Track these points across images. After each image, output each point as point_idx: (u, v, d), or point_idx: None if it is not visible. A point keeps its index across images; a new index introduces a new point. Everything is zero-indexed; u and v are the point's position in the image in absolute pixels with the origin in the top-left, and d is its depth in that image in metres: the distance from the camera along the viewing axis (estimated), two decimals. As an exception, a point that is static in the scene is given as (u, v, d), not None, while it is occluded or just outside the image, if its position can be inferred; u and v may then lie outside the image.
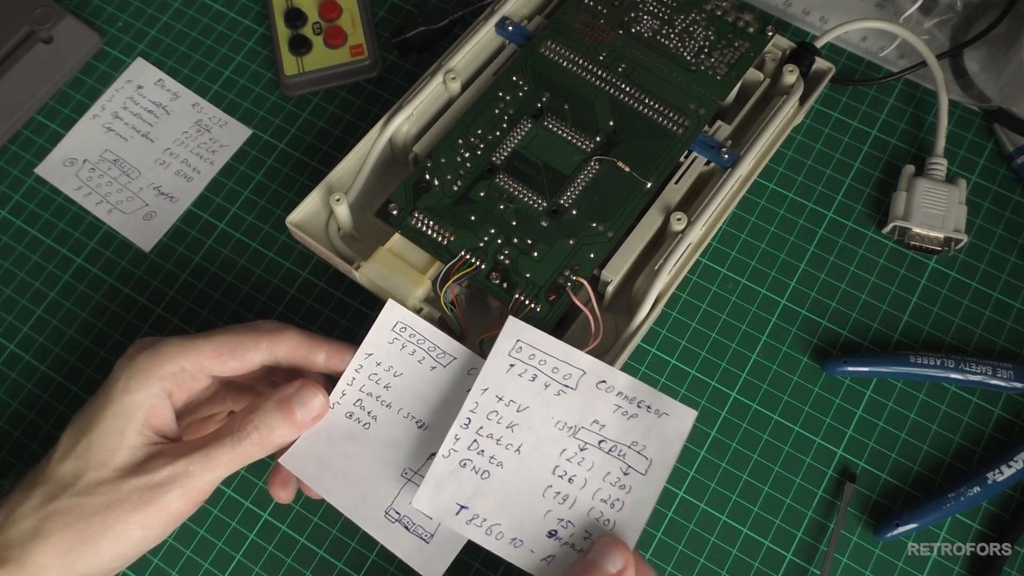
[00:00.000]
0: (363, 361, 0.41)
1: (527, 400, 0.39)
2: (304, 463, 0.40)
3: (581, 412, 0.39)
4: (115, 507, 0.35)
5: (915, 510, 0.44)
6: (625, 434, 0.39)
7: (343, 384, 0.41)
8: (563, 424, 0.39)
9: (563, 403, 0.39)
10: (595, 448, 0.39)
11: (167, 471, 0.36)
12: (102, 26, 0.57)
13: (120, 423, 0.37)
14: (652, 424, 0.39)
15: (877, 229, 0.50)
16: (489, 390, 0.40)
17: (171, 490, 0.36)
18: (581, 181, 0.44)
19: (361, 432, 0.40)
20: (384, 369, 0.41)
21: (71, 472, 0.36)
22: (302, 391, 0.39)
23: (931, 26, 0.53)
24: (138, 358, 0.38)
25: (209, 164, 0.53)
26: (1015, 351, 0.48)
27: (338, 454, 0.40)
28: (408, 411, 0.40)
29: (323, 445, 0.40)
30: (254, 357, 0.39)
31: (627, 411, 0.39)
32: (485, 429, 0.39)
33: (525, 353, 0.40)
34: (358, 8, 0.55)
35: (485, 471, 0.39)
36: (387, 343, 0.41)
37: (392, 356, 0.41)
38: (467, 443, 0.39)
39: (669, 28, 0.48)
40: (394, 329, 0.41)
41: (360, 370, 0.41)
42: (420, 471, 0.39)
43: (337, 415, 0.40)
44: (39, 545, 0.35)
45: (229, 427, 0.38)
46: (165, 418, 0.38)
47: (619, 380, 0.40)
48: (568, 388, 0.40)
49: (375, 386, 0.40)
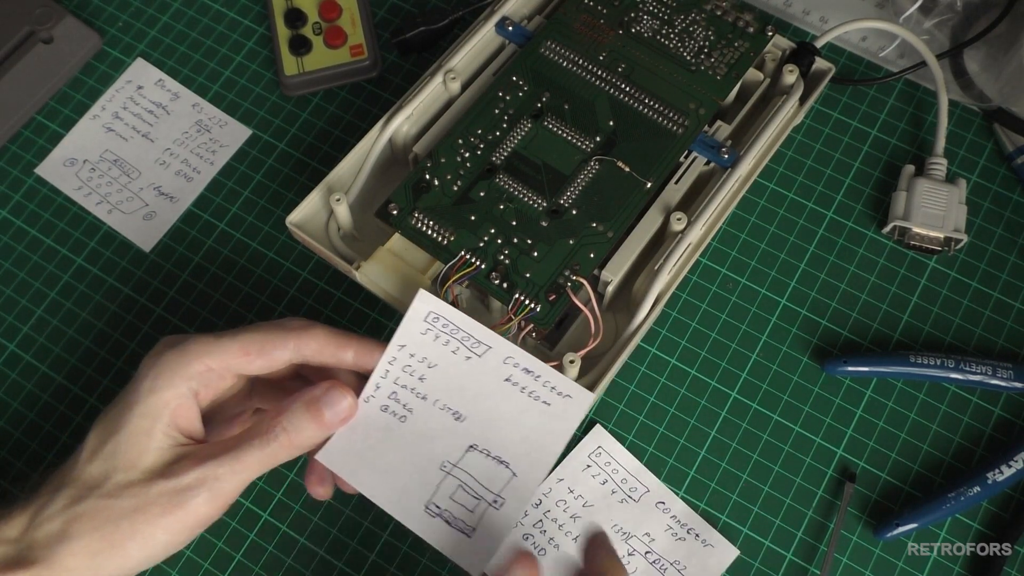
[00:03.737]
0: (396, 353, 0.40)
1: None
2: (341, 459, 0.39)
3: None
4: (143, 511, 0.35)
5: (915, 510, 0.44)
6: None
7: (376, 377, 0.40)
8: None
9: None
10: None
11: (194, 475, 0.36)
12: (102, 26, 0.57)
13: (147, 423, 0.36)
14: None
15: (877, 229, 0.50)
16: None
17: (199, 494, 0.35)
18: (581, 181, 0.44)
19: (397, 425, 0.39)
20: (418, 361, 0.40)
21: (99, 473, 0.36)
22: (330, 392, 0.38)
23: (931, 26, 0.53)
24: (164, 356, 0.37)
25: (209, 164, 0.53)
26: (1015, 351, 0.48)
27: (375, 449, 0.39)
28: (444, 403, 0.40)
29: (359, 440, 0.39)
30: (282, 356, 0.39)
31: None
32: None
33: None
34: (358, 8, 0.55)
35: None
36: (420, 334, 0.40)
37: (426, 347, 0.40)
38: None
39: (669, 28, 0.48)
40: (426, 320, 0.40)
41: (393, 363, 0.40)
42: (459, 463, 0.39)
43: (372, 409, 0.39)
44: (66, 547, 0.35)
45: (257, 429, 0.37)
46: (191, 418, 0.38)
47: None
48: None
49: (409, 378, 0.40)
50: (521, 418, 0.39)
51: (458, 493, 0.38)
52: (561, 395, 0.39)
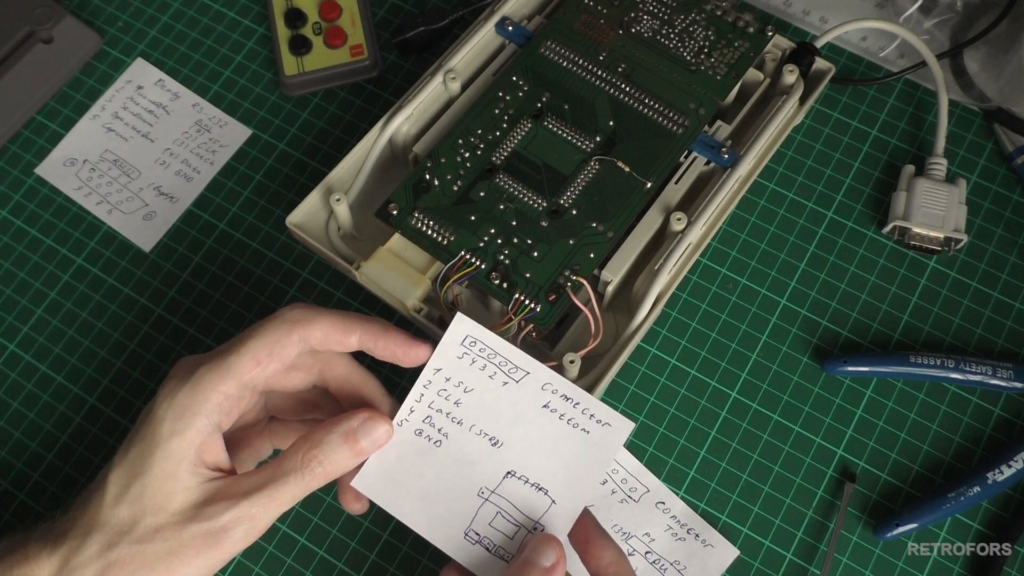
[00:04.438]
0: (432, 377, 0.39)
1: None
2: (377, 486, 0.38)
3: None
4: (178, 553, 0.35)
5: (915, 510, 0.44)
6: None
7: (411, 401, 0.39)
8: None
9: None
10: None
11: (229, 515, 0.35)
12: (102, 26, 0.57)
13: (172, 466, 0.36)
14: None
15: (877, 229, 0.50)
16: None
17: (234, 533, 0.35)
18: (581, 181, 0.44)
19: (432, 450, 0.39)
20: (454, 385, 0.39)
21: (127, 518, 0.35)
22: (367, 423, 0.38)
23: (931, 26, 0.53)
24: (179, 395, 0.37)
25: (209, 164, 0.53)
26: (1015, 351, 0.48)
27: (410, 474, 0.38)
28: (480, 428, 0.39)
29: (394, 465, 0.38)
30: (291, 351, 0.38)
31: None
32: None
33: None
34: (358, 8, 0.55)
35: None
36: (456, 358, 0.39)
37: (462, 371, 0.39)
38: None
39: (669, 28, 0.48)
40: (463, 343, 0.40)
41: (429, 386, 0.39)
42: (497, 490, 0.38)
43: (406, 433, 0.39)
44: None
45: (291, 463, 0.36)
46: (217, 451, 0.37)
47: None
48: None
49: (444, 402, 0.39)
50: (560, 446, 0.39)
51: (497, 520, 0.38)
52: (600, 423, 0.39)
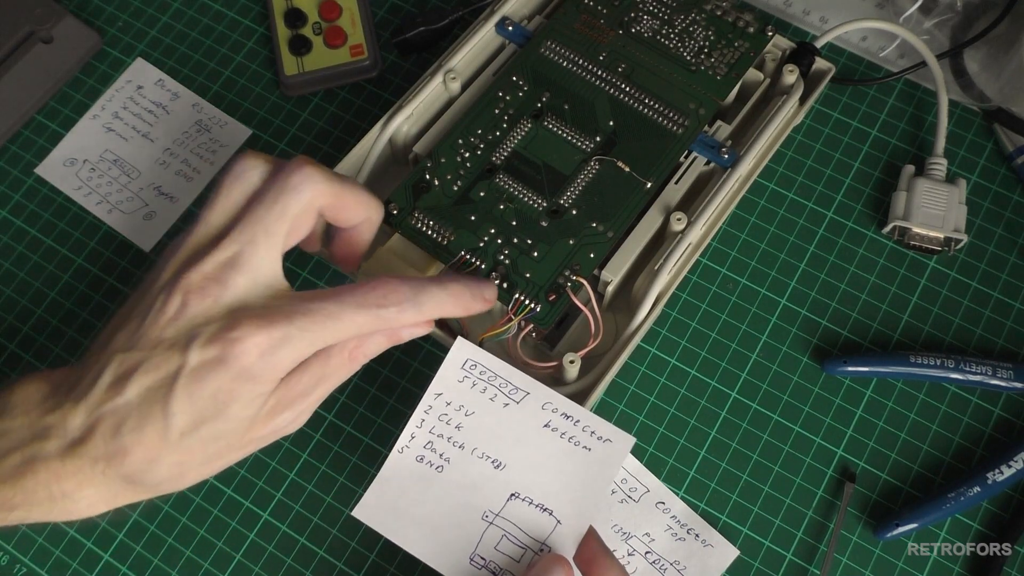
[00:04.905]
0: (432, 402, 0.39)
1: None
2: (379, 514, 0.38)
3: None
4: None
5: (915, 510, 0.44)
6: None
7: (411, 427, 0.39)
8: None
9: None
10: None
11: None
12: (102, 26, 0.57)
13: None
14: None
15: (877, 229, 0.50)
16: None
17: None
18: (581, 181, 0.44)
19: (434, 475, 0.38)
20: (455, 409, 0.39)
21: None
22: (486, 283, 0.40)
23: (931, 26, 0.53)
24: None
25: (209, 164, 0.53)
26: (1015, 351, 0.48)
27: (412, 500, 0.38)
28: (482, 450, 0.38)
29: (395, 492, 0.38)
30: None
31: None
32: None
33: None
34: (358, 8, 0.55)
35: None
36: (457, 382, 0.39)
37: (463, 395, 0.39)
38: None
39: (669, 28, 0.48)
40: (463, 367, 0.39)
41: (429, 411, 0.39)
42: (501, 513, 0.38)
43: (406, 459, 0.38)
44: None
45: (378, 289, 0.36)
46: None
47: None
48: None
49: (445, 427, 0.39)
50: (562, 465, 0.38)
51: (502, 543, 0.38)
52: (601, 440, 0.39)
